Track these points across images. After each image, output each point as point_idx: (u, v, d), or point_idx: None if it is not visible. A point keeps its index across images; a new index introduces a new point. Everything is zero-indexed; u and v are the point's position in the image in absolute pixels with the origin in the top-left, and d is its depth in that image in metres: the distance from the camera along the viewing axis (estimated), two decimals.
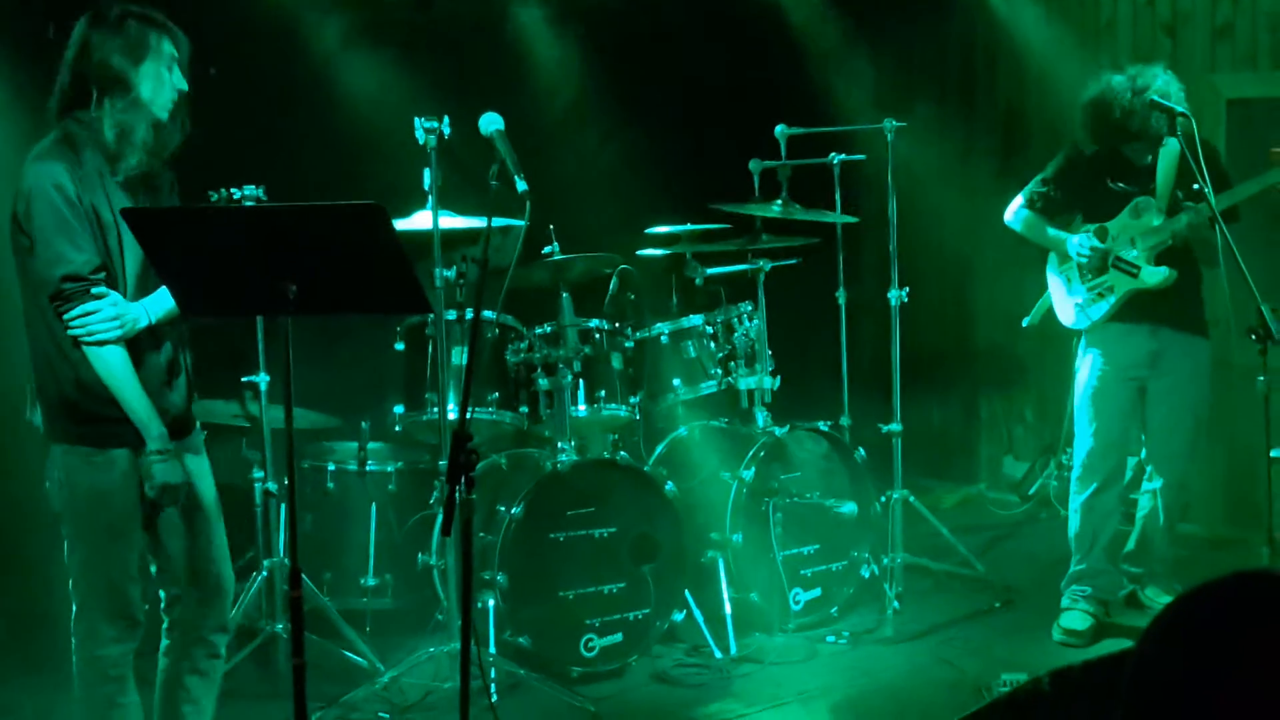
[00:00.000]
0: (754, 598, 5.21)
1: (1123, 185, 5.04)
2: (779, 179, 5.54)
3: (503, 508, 4.82)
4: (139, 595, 3.48)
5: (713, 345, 5.44)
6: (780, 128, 5.63)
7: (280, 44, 5.76)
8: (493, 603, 4.69)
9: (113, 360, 3.31)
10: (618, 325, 5.30)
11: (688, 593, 5.11)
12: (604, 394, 5.16)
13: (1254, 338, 4.22)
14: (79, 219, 3.25)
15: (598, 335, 5.19)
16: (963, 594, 5.73)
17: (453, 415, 4.71)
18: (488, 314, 4.94)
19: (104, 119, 3.32)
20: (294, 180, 4.57)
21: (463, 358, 4.88)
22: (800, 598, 5.33)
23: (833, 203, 5.82)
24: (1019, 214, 5.28)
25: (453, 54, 6.31)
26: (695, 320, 5.45)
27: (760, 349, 5.48)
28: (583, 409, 5.09)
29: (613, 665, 4.89)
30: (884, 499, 5.62)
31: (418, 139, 4.46)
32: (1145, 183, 5.00)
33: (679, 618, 5.07)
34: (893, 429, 5.65)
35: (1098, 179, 5.09)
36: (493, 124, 3.87)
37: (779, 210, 5.47)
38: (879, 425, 5.70)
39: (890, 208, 5.60)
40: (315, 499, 5.29)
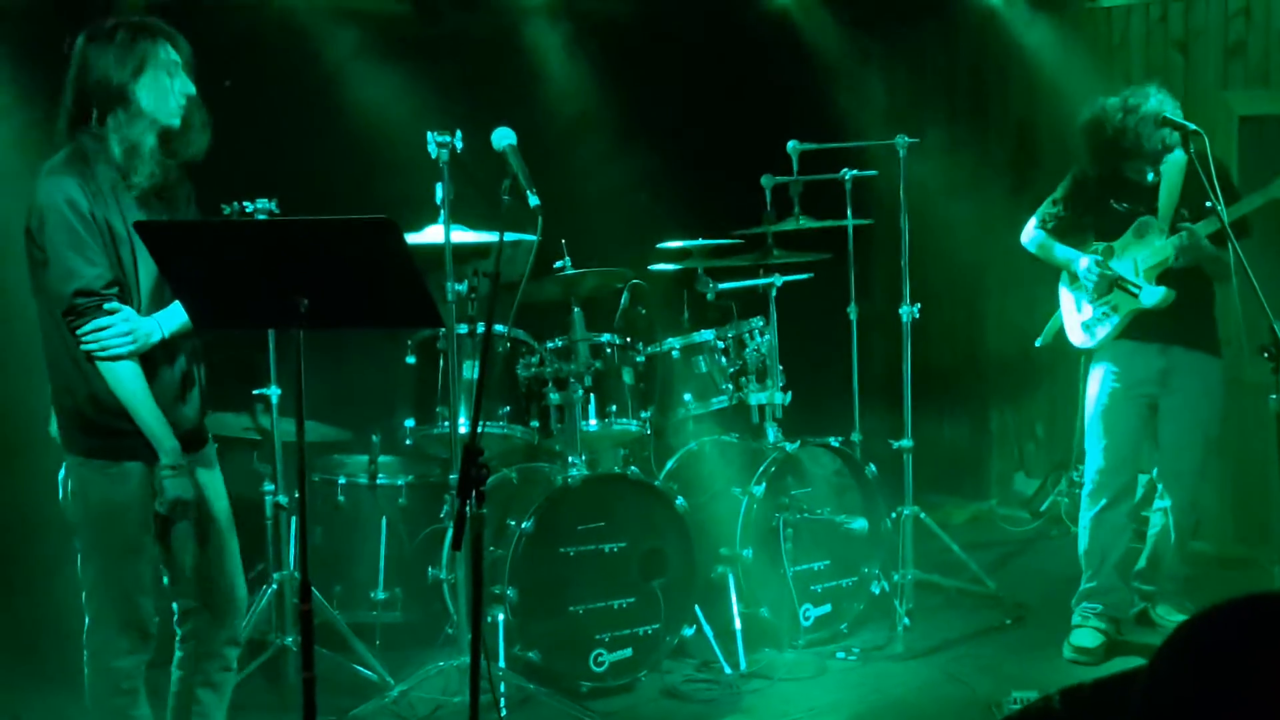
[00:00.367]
0: (764, 613, 5.20)
1: (1126, 205, 5.04)
2: (791, 194, 5.55)
3: (513, 522, 4.81)
4: (151, 608, 3.49)
5: (724, 360, 5.45)
6: (793, 143, 5.64)
7: (292, 58, 5.78)
8: (503, 617, 4.69)
9: (125, 375, 3.31)
10: (629, 340, 5.30)
11: (698, 608, 5.10)
12: (615, 409, 5.17)
13: (1266, 356, 4.18)
14: (91, 233, 3.26)
15: (609, 350, 5.20)
16: (973, 611, 5.71)
17: (463, 429, 4.72)
18: (499, 328, 4.96)
19: (109, 135, 3.33)
20: (306, 193, 4.57)
21: (474, 372, 4.89)
22: (810, 613, 5.32)
23: (844, 218, 5.82)
24: (1034, 236, 5.30)
25: (465, 68, 6.32)
26: (707, 335, 5.46)
27: (771, 364, 5.49)
28: (594, 423, 5.11)
29: (622, 680, 4.88)
30: (895, 515, 5.61)
31: (430, 153, 4.47)
32: (1149, 201, 5.01)
33: (689, 633, 5.06)
34: (904, 445, 5.64)
35: (1102, 199, 5.10)
36: (505, 138, 3.87)
37: (797, 224, 5.48)
38: (890, 441, 5.69)
39: (902, 223, 5.60)
40: (326, 512, 5.29)
